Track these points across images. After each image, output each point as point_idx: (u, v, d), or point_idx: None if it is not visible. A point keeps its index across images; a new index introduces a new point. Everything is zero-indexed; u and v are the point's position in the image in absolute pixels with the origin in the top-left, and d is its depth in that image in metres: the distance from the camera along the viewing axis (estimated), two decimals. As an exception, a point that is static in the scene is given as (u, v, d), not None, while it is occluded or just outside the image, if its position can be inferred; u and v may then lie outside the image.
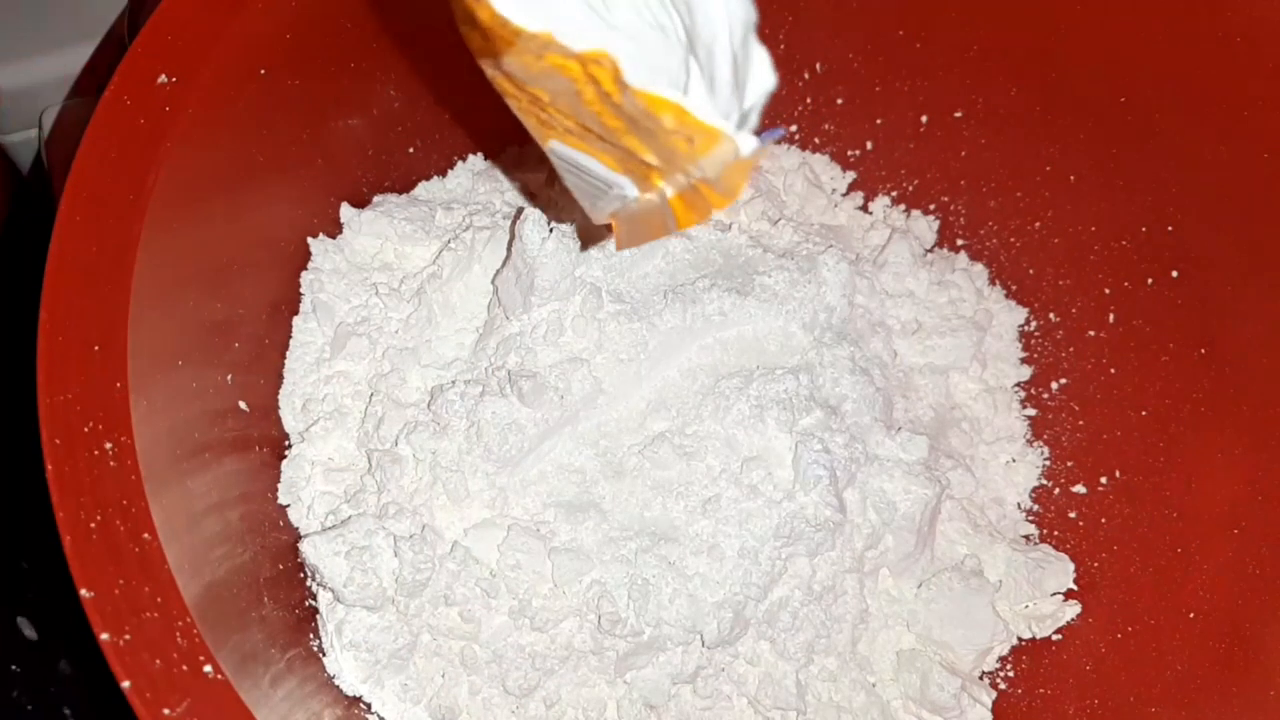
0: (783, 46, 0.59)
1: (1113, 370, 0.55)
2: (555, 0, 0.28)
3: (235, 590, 0.39)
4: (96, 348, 0.36)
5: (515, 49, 0.29)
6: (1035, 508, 0.56)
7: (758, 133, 0.30)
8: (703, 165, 0.31)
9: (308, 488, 0.46)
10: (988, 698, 0.49)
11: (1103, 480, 0.55)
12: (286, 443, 0.47)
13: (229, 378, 0.44)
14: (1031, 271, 0.59)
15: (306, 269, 0.49)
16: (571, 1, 0.28)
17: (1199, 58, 0.49)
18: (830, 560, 0.47)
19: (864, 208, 0.63)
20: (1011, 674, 0.52)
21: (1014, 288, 0.60)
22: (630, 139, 0.31)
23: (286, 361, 0.48)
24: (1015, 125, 0.57)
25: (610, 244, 0.48)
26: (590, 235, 0.48)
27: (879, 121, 0.61)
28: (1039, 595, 0.52)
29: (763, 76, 0.29)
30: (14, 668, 0.59)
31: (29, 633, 0.61)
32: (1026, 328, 0.60)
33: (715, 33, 0.29)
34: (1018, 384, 0.59)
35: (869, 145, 0.62)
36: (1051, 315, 0.58)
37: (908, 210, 0.63)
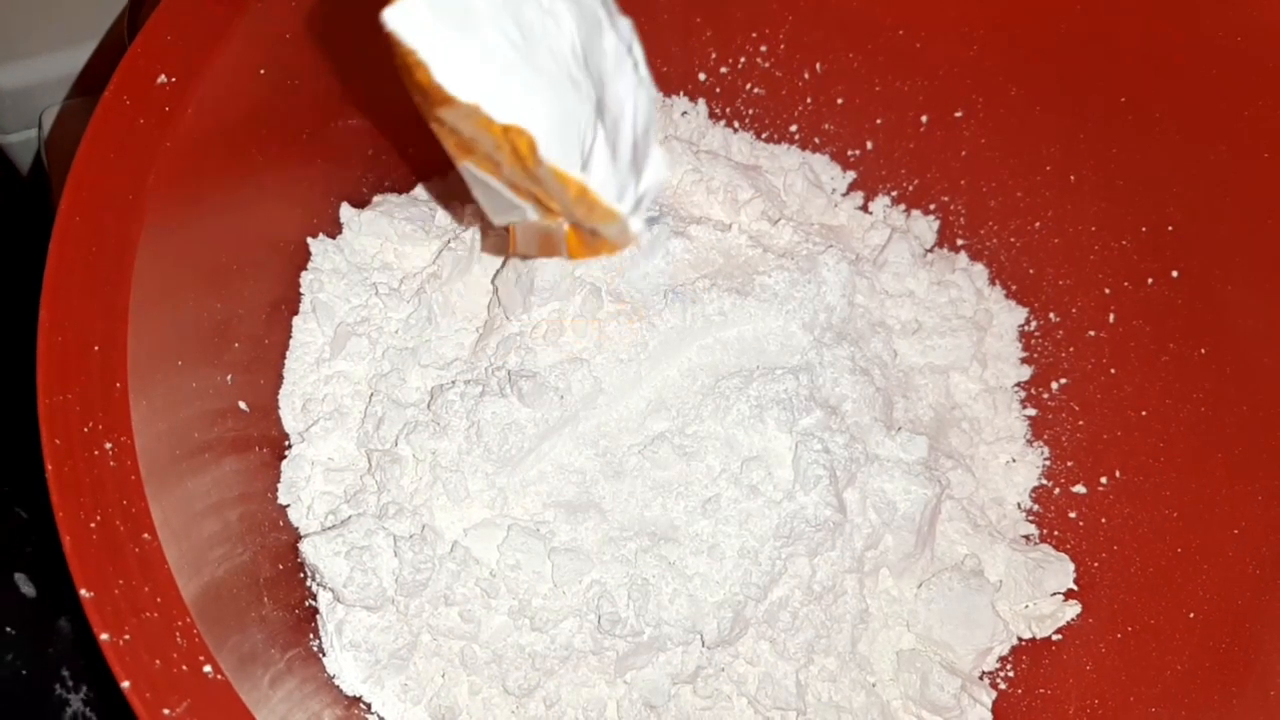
0: (783, 46, 0.59)
1: (1113, 370, 0.55)
2: (484, 74, 0.31)
3: (235, 590, 0.39)
4: (96, 348, 0.35)
5: (448, 107, 0.32)
6: (1035, 508, 0.56)
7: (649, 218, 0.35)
8: (597, 227, 0.35)
9: (308, 488, 0.46)
10: (988, 698, 0.49)
11: (1103, 480, 0.55)
12: (286, 443, 0.47)
13: (229, 378, 0.44)
14: (1031, 271, 0.59)
15: (306, 269, 0.49)
16: (499, 74, 0.32)
17: (1199, 58, 0.49)
18: (830, 560, 0.47)
19: (864, 207, 0.63)
20: (1011, 674, 0.52)
21: (1014, 287, 0.60)
22: (538, 189, 0.35)
23: (286, 361, 0.48)
24: (1015, 125, 0.57)
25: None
26: (499, 247, 0.50)
27: (879, 121, 0.61)
28: (1039, 595, 0.52)
29: (657, 170, 0.35)
30: (9, 630, 0.56)
31: (27, 589, 0.57)
32: (1026, 327, 0.60)
33: (622, 112, 0.33)
34: (1018, 384, 0.59)
35: (869, 145, 0.62)
36: (1051, 315, 0.58)
37: (908, 210, 0.63)
